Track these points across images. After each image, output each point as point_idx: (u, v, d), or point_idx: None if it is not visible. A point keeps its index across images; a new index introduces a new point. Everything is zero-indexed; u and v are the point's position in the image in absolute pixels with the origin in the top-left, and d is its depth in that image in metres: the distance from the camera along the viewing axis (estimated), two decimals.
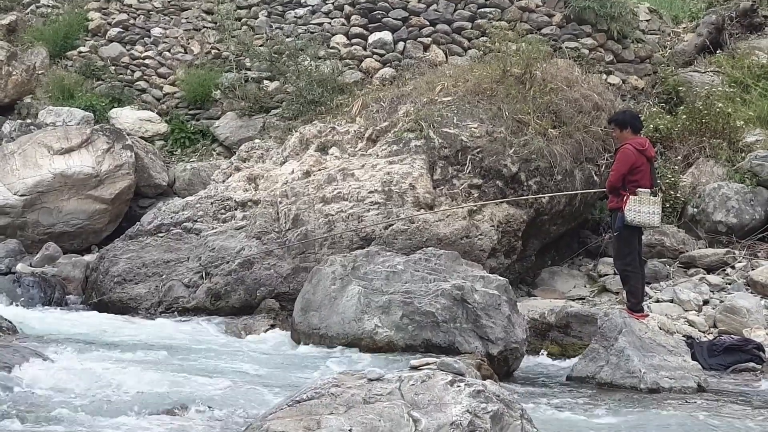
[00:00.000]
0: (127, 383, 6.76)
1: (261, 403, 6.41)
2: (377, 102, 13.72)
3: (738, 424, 6.77)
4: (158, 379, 7.11)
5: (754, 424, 6.83)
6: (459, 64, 15.31)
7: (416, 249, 10.67)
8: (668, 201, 12.97)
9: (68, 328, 9.98)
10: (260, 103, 16.46)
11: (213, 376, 7.60)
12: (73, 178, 14.15)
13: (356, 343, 9.24)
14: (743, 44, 17.26)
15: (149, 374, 7.28)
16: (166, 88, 17.35)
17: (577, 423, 6.67)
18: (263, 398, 6.63)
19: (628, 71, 16.59)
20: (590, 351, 9.00)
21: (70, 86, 16.84)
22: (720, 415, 7.13)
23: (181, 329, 10.52)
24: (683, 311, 11.23)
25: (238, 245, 11.92)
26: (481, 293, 9.16)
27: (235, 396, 6.69)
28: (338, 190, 12.04)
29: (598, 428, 6.56)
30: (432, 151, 12.27)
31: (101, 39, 17.95)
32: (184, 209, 12.76)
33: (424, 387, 4.77)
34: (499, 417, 4.61)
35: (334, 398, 4.74)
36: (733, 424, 6.78)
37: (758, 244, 12.93)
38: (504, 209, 12.04)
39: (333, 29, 16.96)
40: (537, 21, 16.62)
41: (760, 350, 9.80)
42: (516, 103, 12.78)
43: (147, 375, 7.22)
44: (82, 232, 14.27)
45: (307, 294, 9.95)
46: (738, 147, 14.38)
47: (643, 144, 10.14)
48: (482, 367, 8.09)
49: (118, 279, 11.87)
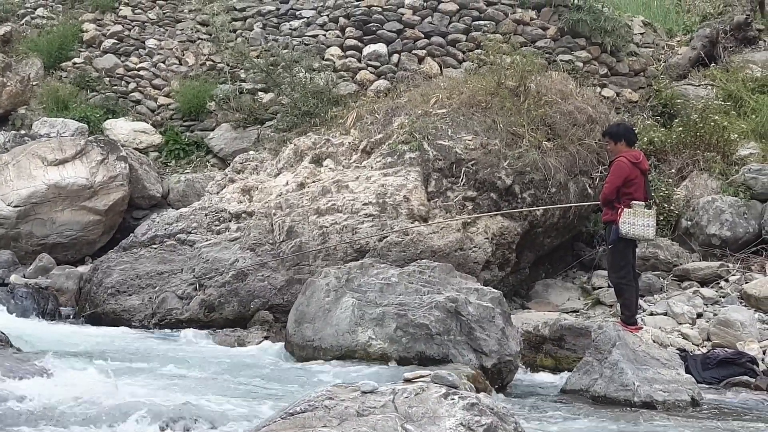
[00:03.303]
0: (119, 397, 6.64)
1: (254, 415, 6.37)
2: (372, 114, 13.73)
3: None
4: (150, 393, 7.05)
5: None
6: (453, 77, 15.31)
7: (410, 261, 10.66)
8: (662, 214, 12.97)
9: (61, 340, 9.95)
10: (255, 114, 16.45)
11: (206, 389, 7.58)
12: (67, 189, 14.12)
13: (350, 355, 9.22)
14: (737, 58, 17.32)
15: (140, 388, 7.23)
16: (160, 100, 17.35)
17: None
18: (256, 411, 6.59)
19: (622, 84, 16.62)
20: (584, 364, 9.00)
21: (65, 97, 16.85)
22: (713, 430, 7.12)
23: (173, 340, 10.51)
24: (677, 324, 11.23)
25: (232, 257, 11.90)
26: (475, 306, 9.15)
27: (228, 409, 6.64)
28: (332, 202, 12.03)
29: None
30: (426, 164, 12.27)
31: (96, 50, 17.96)
32: (178, 221, 12.75)
33: (418, 400, 4.76)
34: (492, 430, 4.60)
35: (327, 411, 4.73)
36: None
37: (752, 258, 12.91)
38: (498, 221, 12.04)
39: (328, 41, 16.95)
40: (531, 34, 16.63)
41: (753, 363, 9.81)
42: (510, 116, 12.78)
43: (139, 388, 7.17)
44: (76, 243, 14.22)
45: (301, 306, 9.93)
46: (732, 160, 14.38)
47: (638, 157, 10.15)
48: (476, 379, 8.10)
49: (111, 290, 11.85)
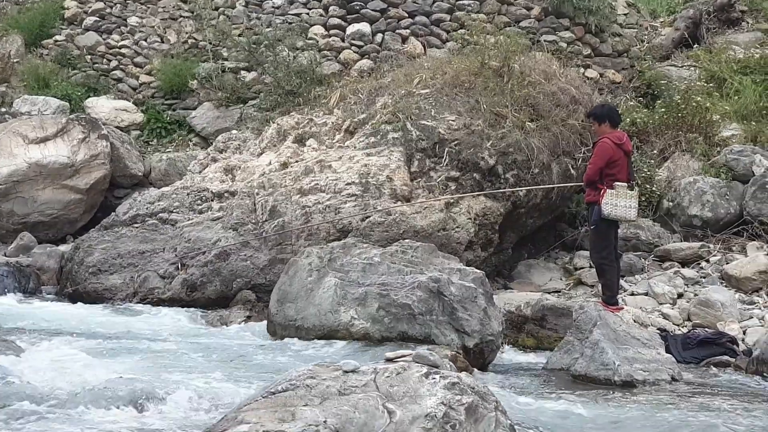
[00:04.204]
0: (97, 375, 6.62)
1: (235, 394, 6.36)
2: (355, 94, 13.69)
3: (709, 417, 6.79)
4: (127, 370, 7.04)
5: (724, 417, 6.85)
6: (437, 57, 15.28)
7: (393, 241, 10.65)
8: (644, 195, 13.00)
9: (42, 318, 9.91)
10: (237, 93, 16.39)
11: (185, 368, 7.57)
12: (48, 168, 14.06)
13: (332, 335, 9.21)
14: (720, 39, 17.39)
15: (119, 365, 7.22)
16: (142, 78, 17.27)
17: (552, 414, 6.69)
18: (237, 390, 6.58)
19: (605, 65, 16.63)
20: (565, 343, 9.03)
21: (46, 75, 16.75)
22: (692, 409, 7.16)
23: (154, 320, 10.48)
24: (658, 304, 11.28)
25: (214, 236, 11.87)
26: (458, 286, 9.15)
27: (208, 387, 6.62)
28: (315, 181, 12.00)
29: (571, 419, 6.57)
30: (409, 144, 12.25)
31: (77, 28, 17.84)
32: (159, 200, 12.70)
33: (399, 379, 4.77)
34: (473, 409, 4.61)
35: (309, 390, 4.73)
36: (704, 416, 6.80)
37: (733, 238, 12.97)
38: (481, 202, 12.05)
39: (311, 20, 16.89)
40: (515, 14, 16.62)
41: (733, 343, 9.87)
42: (494, 96, 12.76)
43: (116, 366, 7.15)
44: (57, 222, 14.17)
45: (283, 285, 9.91)
46: (714, 141, 14.43)
47: (621, 138, 10.17)
48: (458, 359, 8.11)
49: (93, 269, 11.79)
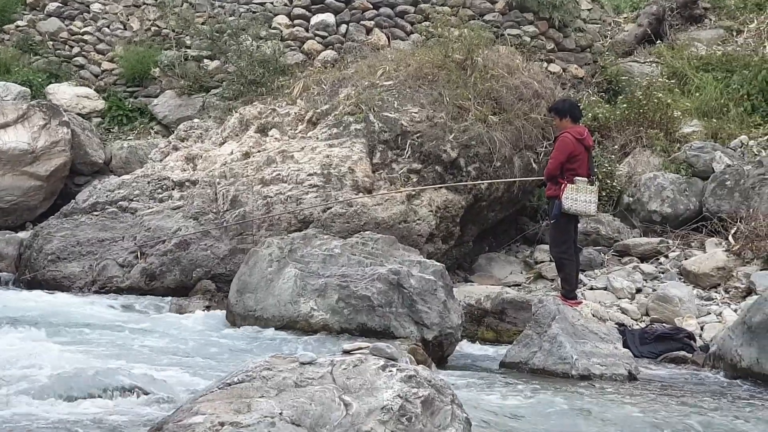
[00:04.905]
0: (50, 364, 6.48)
1: (190, 385, 6.31)
2: (318, 84, 13.67)
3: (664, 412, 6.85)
4: (82, 359, 6.94)
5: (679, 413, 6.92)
6: (401, 49, 15.28)
7: (354, 232, 10.66)
8: (604, 190, 13.09)
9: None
10: (200, 82, 16.28)
11: (141, 358, 7.51)
12: (8, 154, 13.92)
13: (292, 326, 9.20)
14: (683, 35, 17.51)
15: (74, 355, 7.12)
16: (104, 65, 17.09)
17: (507, 407, 6.71)
18: (193, 380, 6.53)
19: (568, 60, 16.71)
20: (524, 337, 9.06)
21: (7, 61, 16.54)
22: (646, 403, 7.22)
23: (112, 308, 10.40)
24: (616, 299, 11.37)
25: (174, 225, 11.82)
26: (418, 278, 9.16)
27: (164, 378, 6.55)
28: (277, 172, 11.98)
29: (527, 412, 6.60)
30: (372, 135, 12.25)
31: (39, 13, 17.61)
32: (120, 188, 12.61)
33: (356, 371, 4.76)
34: (429, 402, 4.61)
35: (265, 381, 4.71)
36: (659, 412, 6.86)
37: (692, 234, 13.08)
38: (443, 195, 12.07)
39: (275, 9, 16.80)
40: (480, 7, 16.65)
41: (691, 339, 9.96)
42: (457, 89, 12.79)
43: (71, 355, 7.04)
44: (17, 208, 14.04)
45: (243, 276, 9.88)
46: (674, 138, 14.57)
47: (582, 133, 10.24)
48: (416, 352, 8.13)
49: (51, 257, 11.72)
